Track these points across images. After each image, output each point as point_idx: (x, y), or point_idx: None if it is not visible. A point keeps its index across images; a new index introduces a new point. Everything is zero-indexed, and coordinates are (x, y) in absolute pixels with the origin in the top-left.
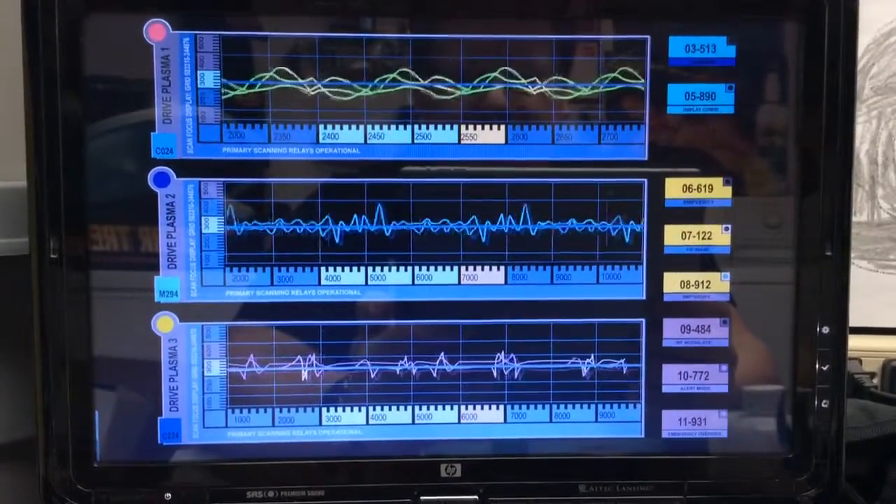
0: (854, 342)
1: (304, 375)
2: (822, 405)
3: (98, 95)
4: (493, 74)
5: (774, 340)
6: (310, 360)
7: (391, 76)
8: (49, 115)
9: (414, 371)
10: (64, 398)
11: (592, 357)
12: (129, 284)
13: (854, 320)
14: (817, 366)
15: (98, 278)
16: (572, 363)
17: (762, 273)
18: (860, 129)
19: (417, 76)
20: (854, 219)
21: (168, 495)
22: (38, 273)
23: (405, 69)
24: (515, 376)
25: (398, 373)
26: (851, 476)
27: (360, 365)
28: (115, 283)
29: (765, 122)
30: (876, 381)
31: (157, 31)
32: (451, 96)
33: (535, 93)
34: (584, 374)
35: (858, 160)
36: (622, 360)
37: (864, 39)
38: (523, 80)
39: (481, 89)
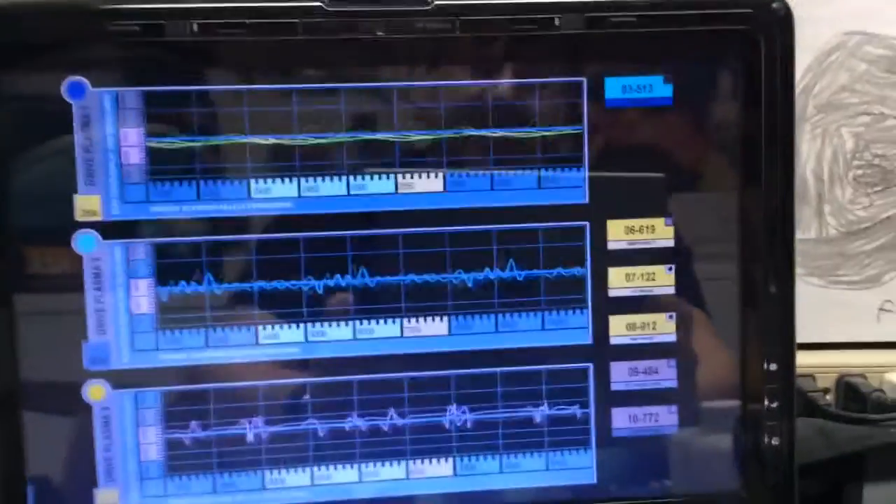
0: (807, 358)
1: (247, 438)
2: (773, 442)
3: (17, 156)
4: (427, 121)
5: (722, 380)
6: (252, 422)
7: (321, 126)
8: None
9: (363, 427)
10: None
11: (541, 404)
12: (57, 352)
13: (806, 336)
14: (766, 403)
15: (26, 345)
16: (522, 411)
17: (707, 313)
18: (805, 147)
19: (350, 126)
20: (801, 236)
21: None
22: None
23: (337, 118)
24: (465, 427)
25: (347, 429)
26: (808, 497)
27: (307, 424)
28: (42, 350)
29: (704, 162)
30: (829, 397)
31: (76, 88)
32: (387, 145)
33: (471, 138)
34: (533, 422)
35: (804, 179)
36: (573, 406)
37: (806, 58)
38: (459, 127)
39: (415, 137)
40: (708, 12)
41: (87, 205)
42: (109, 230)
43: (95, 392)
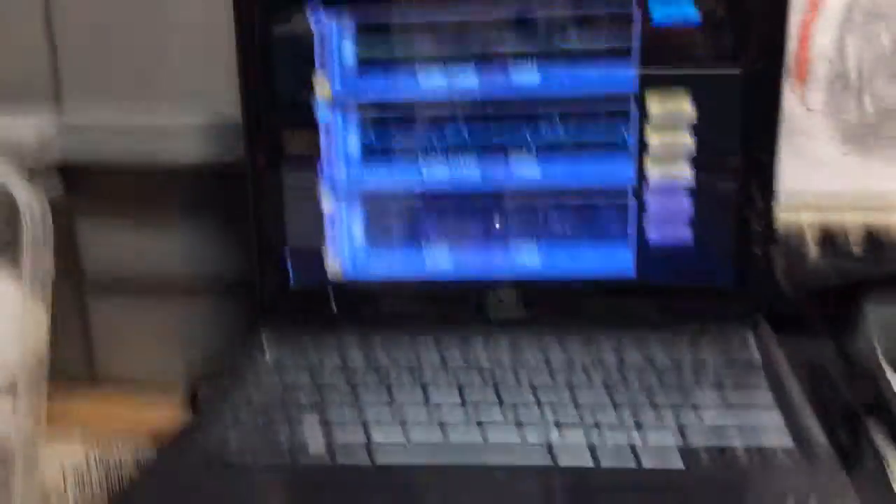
0: (845, 216)
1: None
2: (757, 253)
3: (283, 55)
4: (528, 37)
5: (726, 212)
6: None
7: (461, 32)
8: (251, 76)
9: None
10: (267, 245)
11: (602, 224)
12: (307, 171)
13: (846, 199)
14: (754, 228)
15: (286, 172)
16: (593, 225)
17: (717, 165)
18: (851, 49)
19: (476, 42)
20: (845, 117)
21: (335, 306)
22: (251, 174)
23: (469, 37)
24: (546, 223)
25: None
26: (826, 317)
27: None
28: (298, 170)
29: (720, 61)
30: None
31: (316, 17)
32: (507, 40)
33: (561, 45)
34: (598, 232)
35: (849, 72)
36: (622, 226)
37: None
38: (551, 38)
39: (520, 49)
40: None
41: (321, 84)
42: (334, 101)
43: (325, 199)
